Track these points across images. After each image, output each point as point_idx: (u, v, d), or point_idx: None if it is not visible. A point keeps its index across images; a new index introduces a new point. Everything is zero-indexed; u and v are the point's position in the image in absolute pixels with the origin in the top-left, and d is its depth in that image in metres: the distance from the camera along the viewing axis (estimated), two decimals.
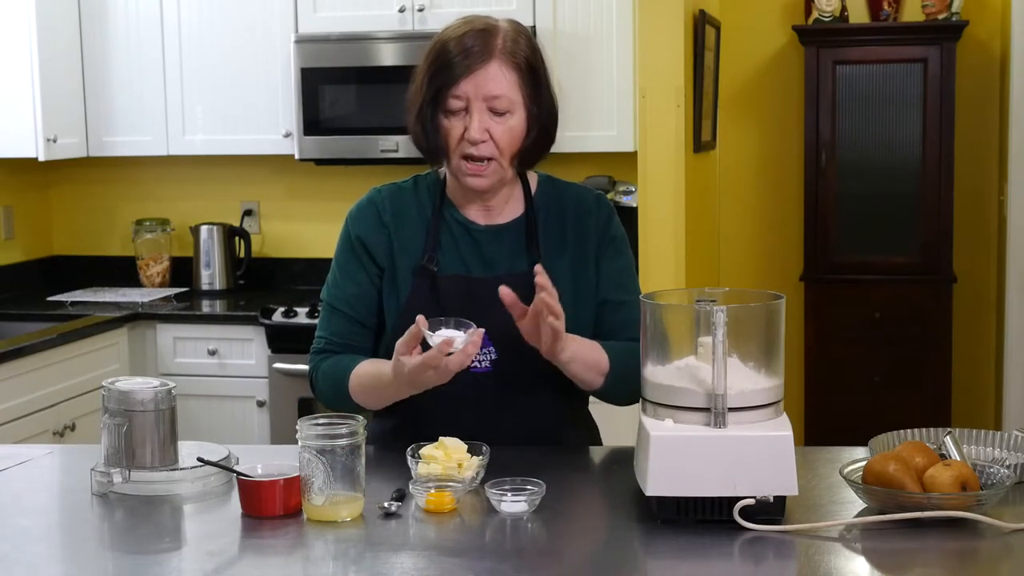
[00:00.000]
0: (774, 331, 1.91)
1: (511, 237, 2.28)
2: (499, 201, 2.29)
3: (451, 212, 2.30)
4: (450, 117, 2.19)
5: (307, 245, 4.93)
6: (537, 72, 2.21)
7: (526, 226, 2.29)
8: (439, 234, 2.28)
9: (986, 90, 5.27)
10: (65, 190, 5.10)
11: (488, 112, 2.17)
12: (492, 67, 2.16)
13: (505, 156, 2.20)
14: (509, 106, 2.18)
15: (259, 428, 4.36)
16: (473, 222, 2.29)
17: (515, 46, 2.19)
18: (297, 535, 1.88)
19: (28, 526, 1.98)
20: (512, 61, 2.18)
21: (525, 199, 2.32)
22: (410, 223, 2.30)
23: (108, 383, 2.10)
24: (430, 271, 2.25)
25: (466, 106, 2.17)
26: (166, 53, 4.64)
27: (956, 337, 5.20)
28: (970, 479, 1.86)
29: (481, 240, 2.28)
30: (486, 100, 2.16)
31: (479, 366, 2.22)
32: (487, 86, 2.16)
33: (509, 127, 2.18)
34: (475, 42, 2.17)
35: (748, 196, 5.54)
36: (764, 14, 5.43)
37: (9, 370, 3.76)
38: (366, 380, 2.23)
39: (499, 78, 2.16)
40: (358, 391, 2.25)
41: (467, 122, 2.17)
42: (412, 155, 4.31)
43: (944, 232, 5.12)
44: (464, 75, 2.16)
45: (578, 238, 2.30)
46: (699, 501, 1.84)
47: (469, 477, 2.01)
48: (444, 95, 2.18)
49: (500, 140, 2.18)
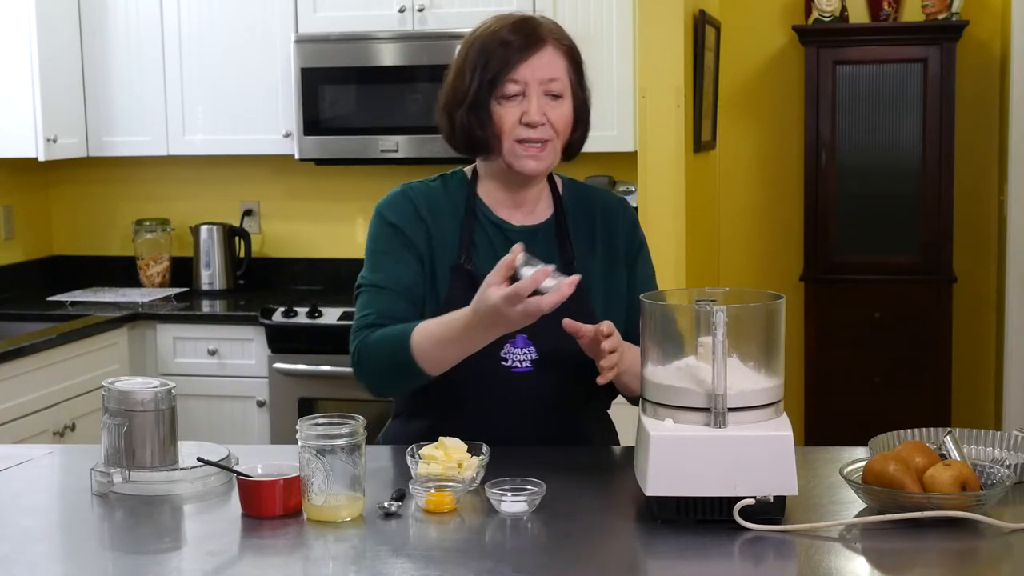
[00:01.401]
0: (774, 331, 1.91)
1: (543, 238, 2.29)
2: (532, 199, 2.30)
3: (484, 211, 2.30)
4: (504, 103, 2.19)
5: (307, 245, 4.94)
6: (579, 62, 2.26)
7: (556, 227, 2.30)
8: (473, 233, 2.27)
9: (986, 90, 5.27)
10: (65, 190, 5.10)
11: (544, 96, 2.19)
12: (547, 51, 2.20)
13: (560, 140, 2.22)
14: (563, 90, 2.20)
15: (259, 428, 4.36)
16: (506, 221, 2.29)
17: (561, 33, 2.25)
18: (297, 535, 1.88)
19: (28, 526, 1.98)
20: (562, 46, 2.22)
21: (553, 200, 2.33)
22: (445, 220, 2.28)
23: (108, 383, 2.10)
24: (467, 271, 2.24)
25: (523, 90, 2.18)
26: (166, 53, 4.64)
27: (956, 337, 5.20)
28: (970, 479, 1.86)
29: (515, 240, 2.27)
30: (543, 83, 2.19)
31: (519, 366, 2.22)
32: (544, 69, 2.18)
33: (563, 112, 2.21)
34: (525, 27, 2.20)
35: (748, 196, 5.54)
36: (764, 14, 5.43)
37: (9, 370, 3.76)
38: (435, 329, 2.13)
39: (555, 62, 2.20)
40: (424, 343, 2.13)
41: (524, 106, 2.18)
42: (412, 155, 4.36)
43: (944, 232, 5.12)
44: (522, 59, 2.18)
45: (607, 240, 2.32)
46: (699, 501, 1.84)
47: (469, 477, 2.01)
48: (501, 80, 2.18)
49: (556, 123, 2.20)
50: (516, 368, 2.22)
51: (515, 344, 2.21)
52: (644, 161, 4.17)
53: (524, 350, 2.22)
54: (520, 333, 2.20)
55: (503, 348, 2.21)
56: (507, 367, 2.22)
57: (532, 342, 2.21)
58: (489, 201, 2.30)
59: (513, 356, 2.22)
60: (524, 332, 2.19)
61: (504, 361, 2.22)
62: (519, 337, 2.21)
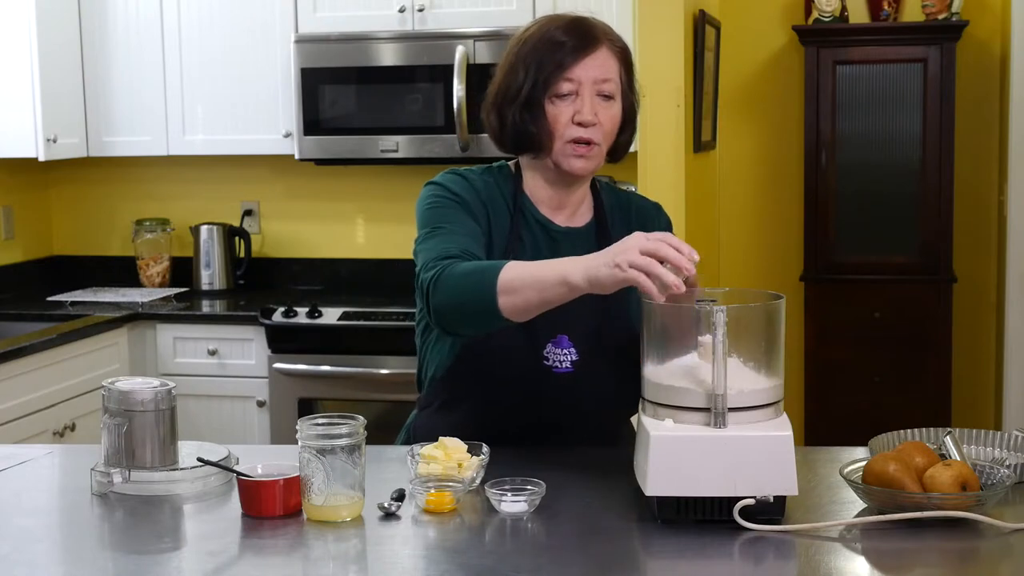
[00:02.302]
0: (774, 331, 1.91)
1: (584, 241, 2.28)
2: (575, 201, 2.30)
3: (530, 209, 2.29)
4: (557, 102, 2.19)
5: (307, 245, 4.94)
6: (631, 64, 2.26)
7: (597, 230, 2.30)
8: (520, 230, 2.27)
9: (986, 90, 5.27)
10: (65, 190, 5.10)
11: (597, 96, 2.19)
12: (602, 52, 2.20)
13: (607, 142, 2.23)
14: (614, 91, 2.21)
15: (259, 428, 4.36)
16: (551, 221, 2.29)
17: (614, 35, 2.24)
18: (297, 535, 1.88)
19: (28, 526, 1.98)
20: (616, 48, 2.22)
21: (595, 204, 2.33)
22: (497, 211, 2.27)
23: (108, 383, 2.10)
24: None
25: (576, 89, 2.18)
26: (166, 53, 4.64)
27: (956, 337, 5.20)
28: (970, 479, 1.86)
29: (559, 241, 2.27)
30: (596, 84, 2.19)
31: (560, 366, 2.22)
32: (598, 70, 2.19)
33: (614, 113, 2.22)
34: (581, 28, 2.20)
35: (748, 196, 5.54)
36: (764, 14, 5.43)
37: (9, 370, 3.76)
38: (529, 265, 1.99)
39: (609, 62, 2.20)
40: (516, 270, 1.97)
41: (577, 105, 2.18)
42: (412, 155, 4.36)
43: (944, 232, 5.11)
44: (577, 59, 2.18)
45: None
46: (699, 501, 1.84)
47: (469, 477, 2.01)
48: (556, 79, 2.18)
49: (607, 124, 2.20)
50: (557, 368, 2.22)
51: (557, 344, 2.22)
52: (644, 161, 4.17)
53: (565, 350, 2.22)
54: (562, 333, 2.21)
55: (545, 347, 2.21)
56: (548, 366, 2.22)
57: (573, 343, 2.22)
58: (534, 199, 2.30)
59: (554, 356, 2.22)
60: (566, 332, 2.20)
61: (546, 360, 2.22)
62: (561, 337, 2.22)
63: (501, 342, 2.20)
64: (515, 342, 2.20)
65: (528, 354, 2.20)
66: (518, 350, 2.20)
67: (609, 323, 2.23)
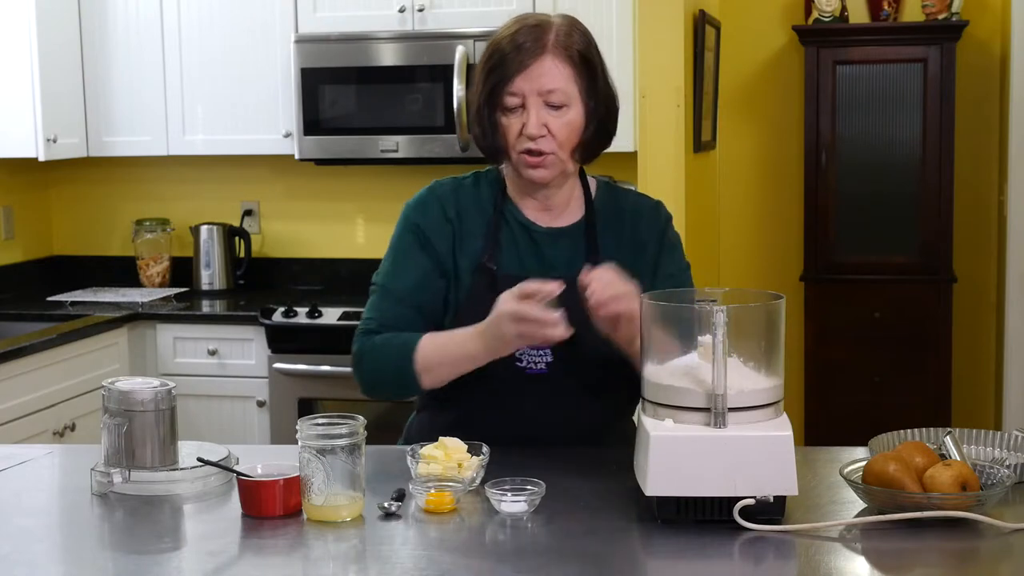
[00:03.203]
0: (774, 331, 1.91)
1: (570, 240, 2.28)
2: (560, 201, 2.29)
3: (512, 212, 2.29)
4: (508, 115, 2.19)
5: (307, 245, 4.94)
6: (592, 65, 2.22)
7: (585, 230, 2.29)
8: (499, 233, 2.27)
9: (986, 90, 5.27)
10: (65, 190, 5.10)
11: (545, 107, 2.18)
12: (546, 61, 2.17)
13: (565, 150, 2.20)
14: (565, 99, 2.18)
15: (259, 428, 4.36)
16: (534, 223, 2.29)
17: (568, 39, 2.20)
18: (297, 535, 1.88)
19: (28, 526, 1.98)
20: (565, 55, 2.18)
21: (585, 203, 2.32)
22: (472, 220, 2.28)
23: (108, 383, 2.10)
24: (490, 270, 2.24)
25: (523, 102, 2.17)
26: (166, 53, 4.64)
27: (956, 337, 5.20)
28: (970, 479, 1.86)
29: (541, 242, 2.27)
30: (541, 95, 2.17)
31: (534, 367, 2.23)
32: (541, 80, 2.16)
33: (567, 121, 2.19)
34: (527, 38, 2.18)
35: (748, 196, 5.53)
36: (764, 14, 5.43)
37: (9, 370, 3.76)
38: (440, 339, 2.19)
39: (553, 72, 2.17)
40: (429, 351, 2.18)
41: (525, 118, 2.17)
42: (412, 155, 4.36)
43: (944, 232, 5.11)
44: (518, 72, 2.16)
45: (634, 245, 2.30)
46: (699, 501, 1.84)
47: (469, 477, 2.01)
48: (500, 93, 2.18)
49: (559, 134, 2.18)
50: (531, 369, 2.22)
51: (533, 346, 2.21)
52: (644, 161, 4.17)
53: (540, 352, 2.22)
54: None
55: (520, 349, 2.21)
56: (521, 368, 2.22)
57: (549, 345, 2.20)
58: (519, 202, 2.30)
59: (528, 357, 2.23)
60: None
61: (519, 362, 2.22)
62: None
63: None
64: None
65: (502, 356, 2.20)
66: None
67: (588, 325, 2.22)
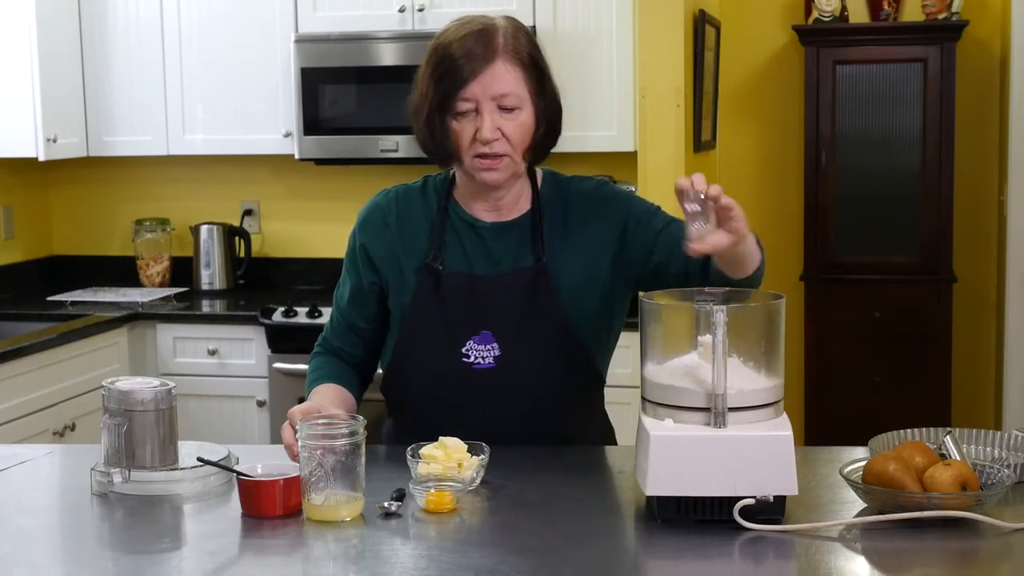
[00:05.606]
0: (774, 331, 1.91)
1: (516, 233, 2.28)
2: (510, 200, 2.29)
3: (456, 211, 2.30)
4: (460, 119, 2.19)
5: (307, 245, 4.94)
6: (540, 67, 2.23)
7: (531, 222, 2.29)
8: (444, 232, 2.28)
9: (986, 90, 5.27)
10: (65, 190, 5.10)
11: (498, 110, 2.17)
12: (498, 66, 2.17)
13: (517, 151, 2.20)
14: (517, 102, 2.18)
15: (259, 428, 4.36)
16: (479, 219, 2.29)
17: (516, 43, 2.20)
18: (297, 535, 1.88)
19: (28, 526, 1.98)
20: (516, 58, 2.18)
21: (532, 196, 2.32)
22: (415, 224, 2.30)
23: (108, 383, 2.10)
24: (435, 269, 2.25)
25: (476, 107, 2.17)
26: (166, 53, 4.64)
27: (956, 337, 5.19)
28: (970, 479, 1.86)
29: (486, 237, 2.28)
30: (495, 99, 2.17)
31: (482, 363, 2.22)
32: (494, 86, 2.16)
33: (519, 123, 2.19)
34: (476, 43, 2.17)
35: (748, 196, 5.52)
36: (764, 14, 5.43)
37: (9, 370, 3.76)
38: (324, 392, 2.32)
39: (505, 76, 2.17)
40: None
41: (478, 123, 2.17)
42: (412, 155, 4.36)
43: (944, 232, 5.11)
44: (471, 77, 2.16)
45: (583, 228, 2.29)
46: (699, 501, 1.84)
47: (469, 477, 2.01)
48: (453, 99, 2.18)
49: (512, 136, 2.18)
50: (478, 364, 2.22)
51: (480, 340, 2.21)
52: (644, 161, 4.17)
53: (488, 346, 2.22)
54: (486, 329, 2.22)
55: (466, 344, 2.22)
56: (468, 363, 2.22)
57: (496, 339, 2.21)
58: (464, 201, 2.30)
59: (476, 352, 2.22)
60: (489, 328, 2.21)
61: (466, 358, 2.22)
62: (485, 333, 2.22)
63: (424, 341, 2.24)
64: (437, 340, 2.23)
65: (446, 351, 2.21)
66: (437, 348, 2.22)
67: (536, 317, 2.22)
